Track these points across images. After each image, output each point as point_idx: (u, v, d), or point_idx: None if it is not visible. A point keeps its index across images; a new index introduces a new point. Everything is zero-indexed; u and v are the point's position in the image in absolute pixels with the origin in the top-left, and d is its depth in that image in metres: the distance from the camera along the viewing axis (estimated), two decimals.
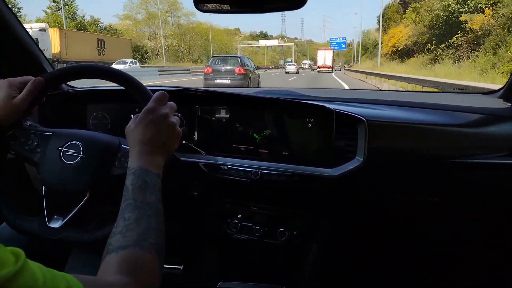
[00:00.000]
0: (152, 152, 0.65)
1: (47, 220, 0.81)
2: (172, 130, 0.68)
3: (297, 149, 1.06)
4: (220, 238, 1.16)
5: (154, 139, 0.66)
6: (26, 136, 0.84)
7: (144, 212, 0.57)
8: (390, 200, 1.09)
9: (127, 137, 0.68)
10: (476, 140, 1.03)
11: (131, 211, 0.57)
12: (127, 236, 0.54)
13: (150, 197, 0.60)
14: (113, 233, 0.55)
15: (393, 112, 1.11)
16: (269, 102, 1.09)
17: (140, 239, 0.54)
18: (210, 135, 1.12)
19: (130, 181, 0.61)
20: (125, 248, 0.52)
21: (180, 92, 1.13)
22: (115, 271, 0.50)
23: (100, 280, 0.49)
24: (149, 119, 0.66)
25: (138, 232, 0.55)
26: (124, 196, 0.60)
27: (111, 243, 0.54)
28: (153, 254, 0.54)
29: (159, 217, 0.60)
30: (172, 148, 0.70)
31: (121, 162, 0.82)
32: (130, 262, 0.51)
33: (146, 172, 0.62)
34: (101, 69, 0.84)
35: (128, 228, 0.55)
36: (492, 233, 1.16)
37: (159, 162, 0.66)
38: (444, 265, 1.25)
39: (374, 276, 1.32)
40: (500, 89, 1.25)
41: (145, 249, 0.53)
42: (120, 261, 0.51)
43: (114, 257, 0.52)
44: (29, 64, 1.17)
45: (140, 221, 0.56)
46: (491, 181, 1.05)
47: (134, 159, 0.64)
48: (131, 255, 0.52)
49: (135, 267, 0.51)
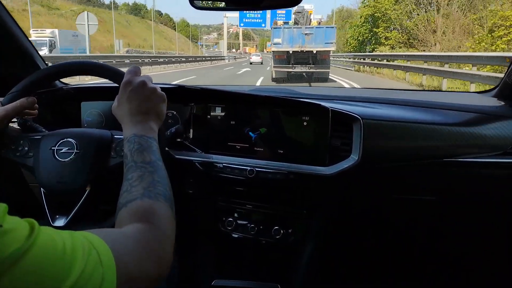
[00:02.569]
0: (142, 120, 0.66)
1: (50, 221, 0.80)
2: (154, 94, 0.69)
3: (293, 147, 1.06)
4: (215, 236, 1.16)
5: (140, 107, 0.66)
6: (15, 142, 0.83)
7: (145, 170, 0.58)
8: (386, 199, 1.09)
9: (116, 116, 0.69)
10: (471, 139, 1.03)
11: (133, 171, 0.58)
12: (133, 192, 0.54)
13: (149, 157, 0.60)
14: (120, 195, 0.56)
15: (388, 110, 1.11)
16: (264, 100, 1.09)
17: (147, 191, 0.54)
18: (206, 133, 1.12)
19: (127, 148, 0.62)
20: (133, 200, 0.53)
21: (175, 90, 1.12)
22: (128, 222, 0.50)
23: (115, 230, 0.48)
24: (128, 91, 0.67)
25: (143, 186, 0.55)
26: (124, 162, 0.61)
27: (120, 202, 0.54)
28: (162, 201, 0.54)
29: (161, 171, 0.60)
30: (160, 112, 0.70)
31: (117, 151, 0.82)
32: (142, 210, 0.51)
33: (141, 137, 0.63)
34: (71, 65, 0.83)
35: (132, 185, 0.56)
36: (488, 232, 1.17)
37: (152, 127, 0.66)
38: (441, 263, 1.26)
39: (369, 274, 1.33)
40: (494, 88, 1.26)
41: (153, 198, 0.54)
42: (132, 212, 0.51)
43: (124, 211, 0.52)
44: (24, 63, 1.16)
45: (143, 177, 0.57)
46: (486, 180, 1.06)
47: (127, 130, 0.65)
48: (141, 204, 0.52)
49: (147, 214, 0.51)
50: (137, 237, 0.47)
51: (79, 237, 0.39)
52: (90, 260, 0.37)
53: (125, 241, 0.45)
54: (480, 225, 1.16)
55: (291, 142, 1.06)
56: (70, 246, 0.36)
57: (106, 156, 0.82)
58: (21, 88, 0.81)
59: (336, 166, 1.00)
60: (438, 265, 1.25)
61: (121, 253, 0.41)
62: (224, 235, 1.14)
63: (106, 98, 1.20)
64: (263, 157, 1.06)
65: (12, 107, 0.77)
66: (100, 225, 0.79)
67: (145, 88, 0.68)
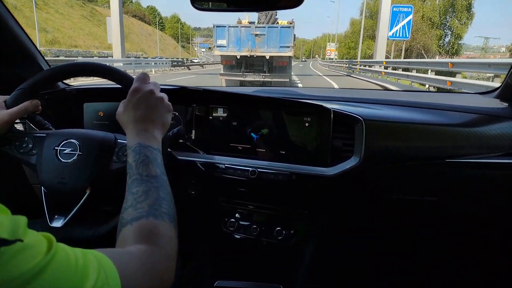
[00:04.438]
0: (147, 129, 0.65)
1: (48, 221, 0.80)
2: (161, 104, 0.69)
3: (294, 148, 1.06)
4: (218, 237, 1.16)
5: (146, 116, 0.66)
6: (20, 139, 0.84)
7: (151, 185, 0.58)
8: (387, 200, 1.09)
9: (120, 122, 0.69)
10: (473, 140, 1.03)
11: (138, 185, 0.57)
12: (139, 208, 0.54)
13: (154, 170, 0.60)
14: (123, 209, 0.55)
15: (390, 111, 1.11)
16: (266, 101, 1.09)
17: (152, 209, 0.54)
18: (208, 134, 1.12)
19: (132, 158, 0.61)
20: (138, 219, 0.52)
21: (177, 91, 1.13)
22: (133, 242, 0.50)
23: (121, 250, 0.49)
24: (136, 99, 0.67)
25: (148, 204, 0.55)
26: (128, 173, 0.60)
27: (124, 217, 0.54)
28: (167, 221, 0.54)
29: (166, 188, 0.60)
30: (165, 122, 0.70)
31: (119, 156, 0.83)
32: (147, 231, 0.51)
33: (146, 147, 0.63)
34: (77, 66, 0.83)
35: (137, 201, 0.55)
36: (490, 232, 1.17)
37: (156, 136, 0.66)
38: (442, 264, 1.25)
39: (370, 275, 1.32)
40: (496, 89, 1.26)
41: (158, 218, 0.53)
42: (136, 231, 0.51)
43: (129, 229, 0.52)
44: (27, 64, 1.16)
45: (148, 193, 0.56)
46: (488, 181, 1.06)
47: (131, 138, 0.64)
48: (146, 224, 0.52)
49: (152, 235, 0.51)
50: (142, 259, 0.47)
51: (90, 255, 0.40)
52: (99, 279, 0.38)
53: (130, 261, 0.45)
54: (482, 226, 1.15)
55: (293, 143, 1.07)
56: (82, 263, 0.37)
57: (108, 160, 0.82)
58: (26, 87, 0.81)
59: (338, 167, 1.00)
60: (440, 265, 1.25)
61: (126, 273, 0.42)
62: (226, 236, 1.14)
63: (108, 99, 1.20)
64: (265, 157, 1.06)
65: (16, 111, 0.78)
66: (97, 227, 0.80)
67: (152, 96, 0.67)
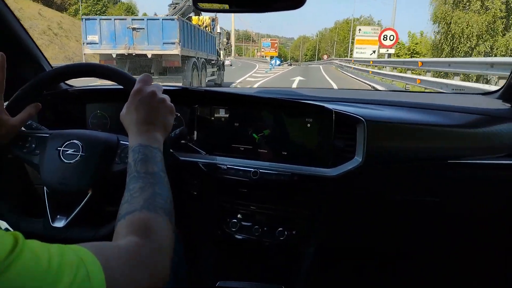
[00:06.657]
0: (149, 130, 0.66)
1: (50, 221, 0.81)
2: (163, 105, 0.69)
3: (296, 149, 1.06)
4: (219, 238, 1.16)
5: (148, 117, 0.66)
6: (23, 139, 0.84)
7: (147, 181, 0.58)
8: (389, 201, 1.09)
9: (123, 124, 0.69)
10: (475, 141, 1.03)
11: (135, 182, 0.58)
12: (133, 203, 0.54)
13: (152, 168, 0.60)
14: (120, 205, 0.56)
15: (392, 112, 1.11)
16: (268, 102, 1.09)
17: (146, 203, 0.54)
18: (210, 135, 1.12)
19: (132, 157, 0.62)
20: (132, 212, 0.52)
21: (179, 92, 1.13)
22: (125, 234, 0.50)
23: (109, 244, 0.48)
24: (138, 100, 0.67)
25: (144, 198, 0.55)
26: (127, 172, 0.61)
27: (119, 213, 0.54)
28: (161, 215, 0.54)
29: (163, 184, 0.60)
30: (167, 123, 0.70)
31: (121, 158, 0.83)
32: (138, 223, 0.51)
33: (146, 147, 0.63)
34: (79, 67, 0.83)
35: (133, 196, 0.55)
36: (492, 233, 1.17)
37: (158, 138, 0.66)
38: (444, 265, 1.25)
39: (372, 275, 1.32)
40: (498, 90, 1.25)
41: (152, 211, 0.53)
42: (128, 224, 0.51)
43: (123, 222, 0.52)
44: (29, 64, 1.17)
45: (144, 188, 0.56)
46: (490, 182, 1.06)
47: (133, 139, 0.65)
48: (138, 217, 0.52)
49: (144, 228, 0.50)
50: (130, 251, 0.46)
51: (69, 252, 0.38)
52: (78, 276, 0.36)
53: (118, 255, 0.44)
54: (484, 227, 1.15)
55: (294, 143, 1.07)
56: (57, 262, 0.36)
57: (110, 162, 0.82)
58: (28, 88, 0.82)
59: (340, 168, 1.00)
60: (442, 266, 1.25)
61: (112, 267, 0.41)
62: (228, 237, 1.14)
63: (110, 100, 1.21)
64: (267, 158, 1.06)
65: (20, 119, 0.78)
66: (99, 229, 0.80)
67: (154, 98, 0.68)
